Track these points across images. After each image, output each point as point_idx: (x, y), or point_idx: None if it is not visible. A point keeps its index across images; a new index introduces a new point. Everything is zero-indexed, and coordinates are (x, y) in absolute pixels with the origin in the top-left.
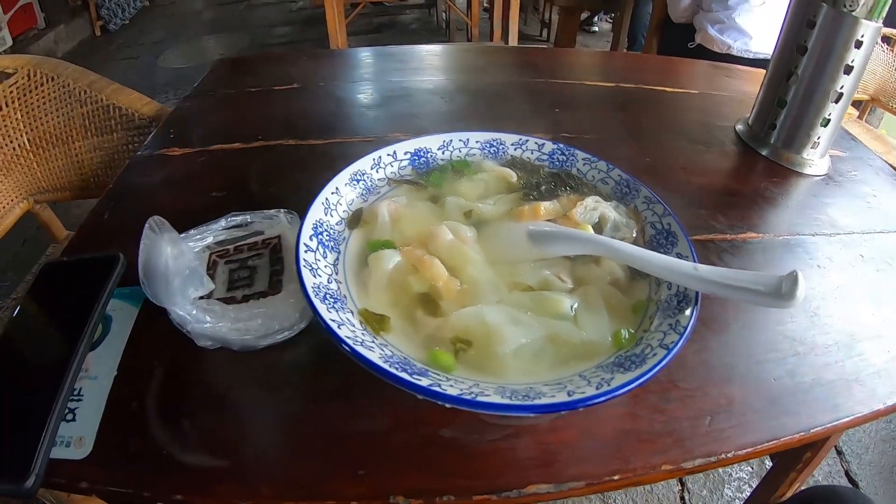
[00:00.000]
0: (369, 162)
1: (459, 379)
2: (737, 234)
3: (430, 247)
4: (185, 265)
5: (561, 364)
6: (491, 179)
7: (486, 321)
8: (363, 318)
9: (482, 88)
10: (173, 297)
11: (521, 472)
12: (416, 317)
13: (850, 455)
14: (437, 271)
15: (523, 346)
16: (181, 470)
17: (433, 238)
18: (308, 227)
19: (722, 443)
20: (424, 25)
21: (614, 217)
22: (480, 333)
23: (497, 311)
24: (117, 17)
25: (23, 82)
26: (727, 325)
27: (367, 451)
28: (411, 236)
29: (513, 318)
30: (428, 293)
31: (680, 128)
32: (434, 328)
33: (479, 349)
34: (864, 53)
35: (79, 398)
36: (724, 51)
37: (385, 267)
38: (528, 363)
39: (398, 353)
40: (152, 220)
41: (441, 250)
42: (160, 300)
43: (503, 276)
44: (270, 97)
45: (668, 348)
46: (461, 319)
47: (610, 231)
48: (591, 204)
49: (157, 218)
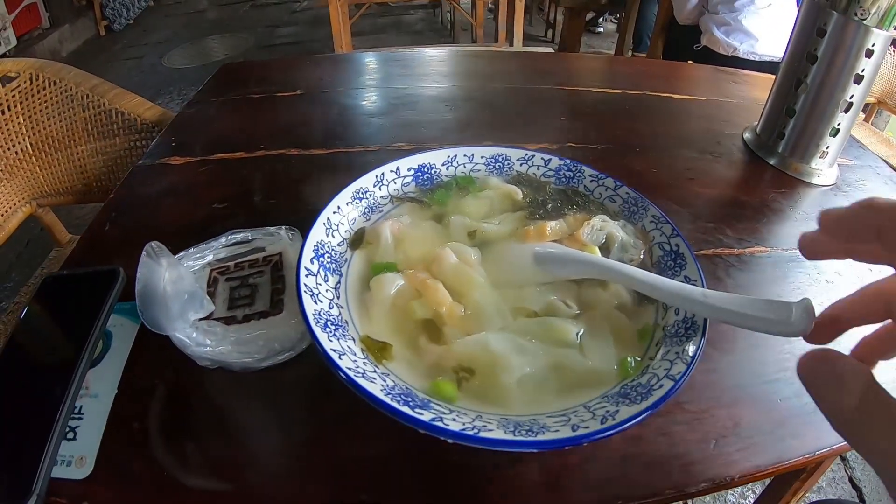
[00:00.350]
0: (372, 179)
1: (462, 411)
2: (744, 248)
3: (433, 270)
4: (183, 289)
5: (566, 392)
6: (496, 197)
7: (491, 349)
8: (365, 345)
9: (487, 95)
10: (173, 322)
11: (526, 496)
12: (418, 344)
13: (854, 461)
14: (440, 296)
15: (528, 375)
16: (184, 491)
17: (437, 261)
18: (309, 250)
19: (728, 467)
20: (429, 26)
21: (622, 237)
22: (485, 362)
23: (502, 339)
24: (122, 17)
25: (25, 86)
26: (735, 344)
27: (371, 476)
28: (415, 258)
29: (518, 346)
30: (431, 319)
31: (687, 136)
32: (437, 356)
33: (482, 378)
34: (874, 62)
35: (79, 416)
36: (731, 53)
37: (387, 291)
38: (533, 392)
39: (400, 382)
40: (149, 246)
41: (445, 273)
42: (160, 327)
43: (508, 301)
44: (273, 104)
45: (674, 379)
46: (465, 347)
47: (617, 252)
48: (598, 224)
49: (154, 243)
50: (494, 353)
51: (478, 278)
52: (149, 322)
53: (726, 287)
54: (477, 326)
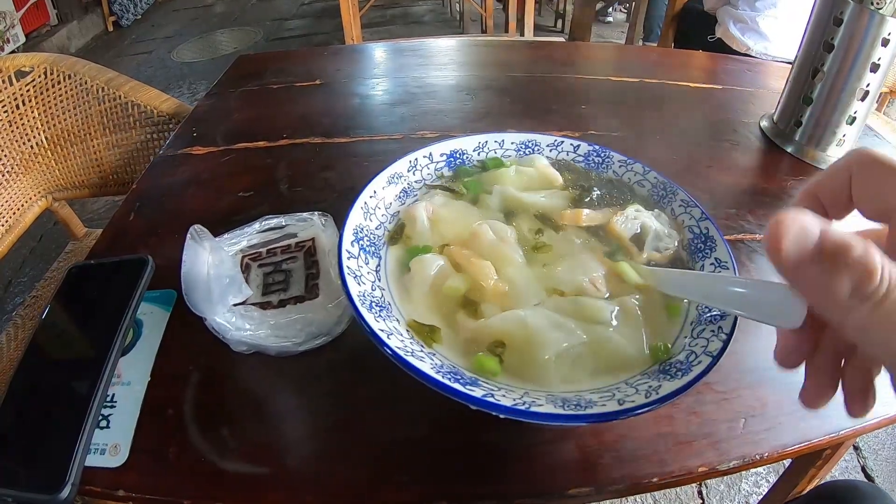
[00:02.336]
0: (405, 164)
1: (510, 388)
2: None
3: (471, 246)
4: (224, 273)
5: (602, 372)
6: (536, 176)
7: (528, 324)
8: (413, 329)
9: (506, 84)
10: (214, 306)
11: (561, 475)
12: (456, 320)
13: (866, 451)
14: (486, 271)
15: (564, 351)
16: (221, 477)
17: (475, 238)
18: (349, 233)
19: (757, 445)
20: (438, 17)
21: (656, 227)
22: (521, 337)
23: (538, 315)
24: (129, 13)
25: (40, 80)
26: (759, 328)
27: (409, 458)
28: (451, 237)
29: (554, 322)
30: (469, 296)
31: (704, 124)
32: (473, 331)
33: (519, 354)
34: (890, 51)
35: (112, 405)
36: (744, 51)
37: (428, 272)
38: (569, 369)
39: (446, 361)
40: (193, 229)
41: (483, 249)
42: (201, 310)
43: (541, 280)
44: (292, 94)
45: (712, 356)
46: (503, 323)
47: (652, 242)
48: (632, 213)
49: (197, 227)
50: (531, 328)
51: (514, 255)
52: (192, 305)
53: (750, 272)
54: (515, 303)
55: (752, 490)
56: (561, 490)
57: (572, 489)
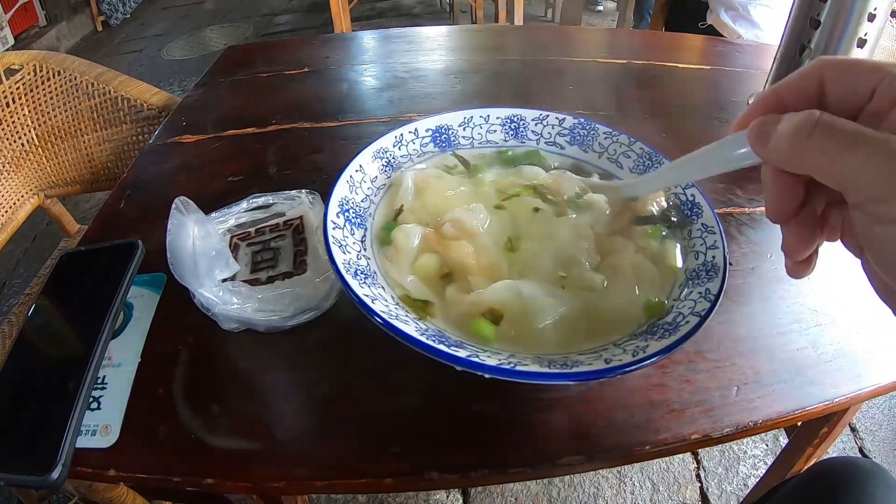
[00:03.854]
0: (391, 139)
1: (496, 350)
2: (755, 207)
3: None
4: (211, 246)
5: (598, 335)
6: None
7: (522, 293)
8: (406, 304)
9: (494, 67)
10: (200, 278)
11: (554, 444)
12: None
13: (863, 432)
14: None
15: (560, 317)
16: (211, 453)
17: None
18: (334, 205)
19: (750, 412)
20: (427, 9)
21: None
22: (517, 307)
23: (531, 285)
24: (118, 12)
25: (29, 78)
26: (750, 298)
27: (401, 429)
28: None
29: (548, 291)
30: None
31: (693, 103)
32: (469, 304)
33: (515, 323)
34: (877, 26)
35: (103, 386)
36: (734, 39)
37: (412, 242)
38: (566, 334)
39: (432, 326)
40: (178, 200)
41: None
42: (187, 282)
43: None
44: (282, 82)
45: (700, 316)
46: (496, 294)
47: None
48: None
49: (182, 198)
50: (526, 297)
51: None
52: (178, 277)
53: (740, 244)
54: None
55: (749, 472)
56: (553, 459)
57: (564, 458)
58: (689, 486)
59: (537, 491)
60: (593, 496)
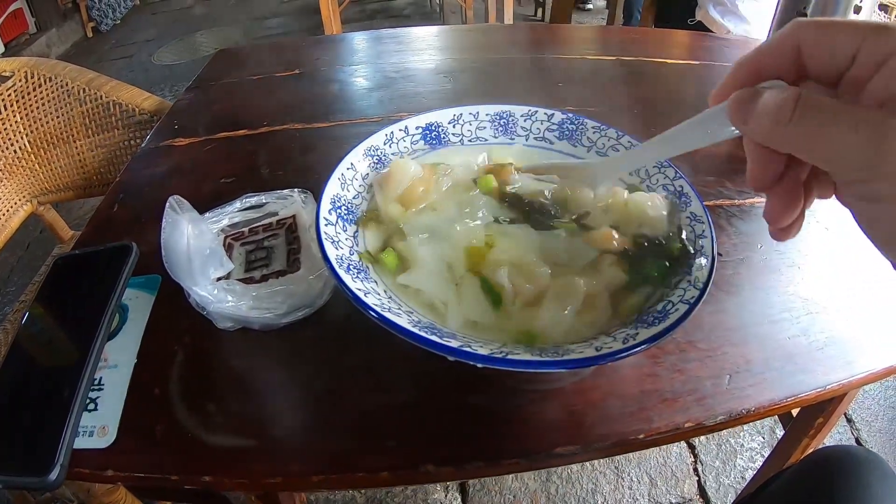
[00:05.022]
0: (382, 137)
1: (488, 341)
2: (744, 199)
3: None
4: (205, 245)
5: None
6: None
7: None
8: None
9: (484, 66)
10: (195, 276)
11: (548, 434)
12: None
13: (859, 423)
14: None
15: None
16: (208, 451)
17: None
18: (327, 202)
19: (743, 400)
20: (418, 10)
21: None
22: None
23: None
24: (108, 18)
25: (21, 84)
26: (741, 288)
27: (395, 423)
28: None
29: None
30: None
31: (682, 98)
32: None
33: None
34: (863, 18)
35: (100, 388)
36: (723, 34)
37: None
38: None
39: (425, 318)
40: (172, 199)
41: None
42: (182, 280)
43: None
44: (273, 84)
45: (689, 303)
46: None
47: None
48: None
49: (176, 197)
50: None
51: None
52: (173, 275)
53: (730, 236)
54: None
55: (747, 465)
56: (548, 449)
57: (559, 448)
58: (686, 480)
59: (535, 488)
60: (591, 492)
